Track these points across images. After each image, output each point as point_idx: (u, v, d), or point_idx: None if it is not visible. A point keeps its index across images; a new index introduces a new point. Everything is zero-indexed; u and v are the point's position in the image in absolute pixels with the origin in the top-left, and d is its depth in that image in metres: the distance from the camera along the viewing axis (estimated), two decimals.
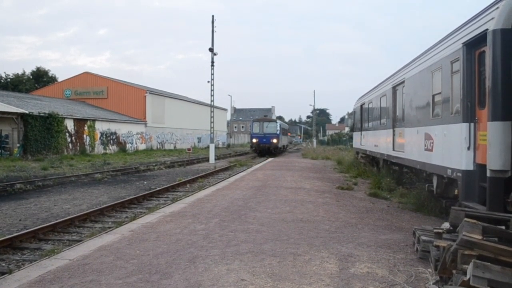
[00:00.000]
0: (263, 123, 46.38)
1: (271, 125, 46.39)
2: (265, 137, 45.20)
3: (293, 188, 15.26)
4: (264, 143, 44.90)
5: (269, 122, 46.91)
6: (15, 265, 8.30)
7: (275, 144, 45.28)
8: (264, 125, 46.04)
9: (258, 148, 45.80)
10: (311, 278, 5.65)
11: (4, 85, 77.70)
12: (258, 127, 46.12)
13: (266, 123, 46.44)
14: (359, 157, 28.13)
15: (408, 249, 7.27)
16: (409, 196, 12.89)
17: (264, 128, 45.60)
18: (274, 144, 45.06)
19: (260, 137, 45.21)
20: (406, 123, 13.94)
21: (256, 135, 45.78)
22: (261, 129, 45.57)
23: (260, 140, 45.13)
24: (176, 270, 5.96)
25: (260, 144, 45.10)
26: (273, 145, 45.04)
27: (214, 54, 38.12)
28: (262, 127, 45.73)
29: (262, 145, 44.89)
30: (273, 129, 45.79)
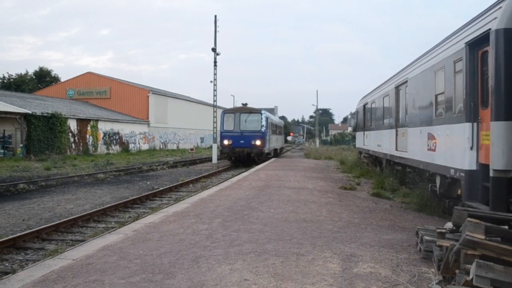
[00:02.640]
0: (240, 115, 31.98)
1: (253, 118, 32.04)
2: (243, 137, 31.21)
3: (296, 188, 15.26)
4: (242, 146, 30.97)
5: (249, 114, 32.13)
6: (19, 265, 8.33)
7: (259, 147, 31.30)
8: (242, 118, 31.89)
9: (232, 154, 31.45)
10: (314, 278, 5.65)
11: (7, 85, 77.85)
12: (232, 121, 31.98)
13: (245, 116, 32.07)
14: (362, 157, 28.10)
15: (411, 249, 7.27)
16: (412, 196, 12.87)
17: (241, 123, 31.73)
18: (257, 147, 31.19)
19: (235, 137, 31.27)
20: (409, 123, 13.93)
21: (229, 134, 31.61)
22: (237, 124, 31.68)
23: (235, 142, 31.15)
24: (180, 270, 5.97)
25: (234, 148, 31.01)
26: (256, 149, 31.12)
27: (216, 54, 38.12)
28: (238, 121, 31.71)
29: (239, 149, 30.85)
30: (256, 125, 31.79)
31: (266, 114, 32.88)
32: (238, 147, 30.95)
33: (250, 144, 31.02)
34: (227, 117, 32.57)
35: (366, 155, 25.98)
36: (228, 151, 31.38)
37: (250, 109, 33.09)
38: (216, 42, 38.08)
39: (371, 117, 23.17)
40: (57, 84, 70.92)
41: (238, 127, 31.65)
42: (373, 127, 22.21)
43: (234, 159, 32.16)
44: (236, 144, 31.08)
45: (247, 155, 31.04)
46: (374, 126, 21.85)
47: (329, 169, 25.81)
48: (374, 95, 22.06)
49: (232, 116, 32.26)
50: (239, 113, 32.23)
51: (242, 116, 32.03)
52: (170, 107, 62.76)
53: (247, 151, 30.85)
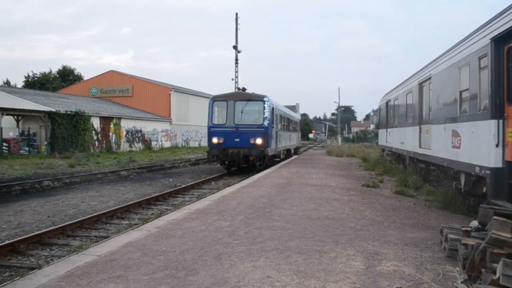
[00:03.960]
0: (234, 103, 23.66)
1: (252, 108, 23.94)
2: (239, 134, 23.12)
3: (318, 186, 15.20)
4: (237, 146, 22.89)
5: (247, 102, 23.87)
6: (44, 260, 8.46)
7: (260, 147, 22.95)
8: (237, 107, 23.67)
9: (223, 156, 23.27)
10: (337, 276, 5.62)
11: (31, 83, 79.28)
12: (225, 111, 23.83)
13: (241, 104, 23.77)
14: (385, 155, 27.89)
15: (435, 248, 7.18)
16: (436, 194, 12.72)
17: (236, 115, 23.49)
18: (257, 148, 22.89)
19: (228, 134, 23.20)
20: (432, 120, 13.76)
21: (220, 129, 23.52)
22: (231, 115, 23.49)
23: (227, 140, 23.07)
24: (202, 266, 6.00)
25: (227, 149, 22.86)
26: (256, 151, 22.78)
27: (238, 51, 38.21)
28: (232, 111, 23.51)
29: (233, 150, 22.73)
30: (257, 116, 23.70)
31: (271, 102, 24.18)
32: (232, 147, 22.60)
33: (248, 144, 22.65)
34: (217, 106, 24.19)
35: (389, 152, 25.77)
36: (217, 152, 22.81)
37: (248, 95, 24.22)
38: (237, 39, 38.23)
39: (394, 114, 22.97)
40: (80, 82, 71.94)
41: (232, 119, 23.22)
42: (396, 124, 22.01)
43: (227, 163, 24.13)
44: (229, 143, 22.79)
45: (244, 159, 22.85)
46: (397, 123, 21.66)
47: (352, 167, 25.64)
48: (397, 92, 21.85)
49: (224, 104, 23.70)
50: (234, 101, 23.55)
51: (237, 104, 23.47)
52: (192, 104, 63.07)
53: (244, 153, 22.46)
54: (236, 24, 38.24)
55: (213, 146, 23.24)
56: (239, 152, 22.49)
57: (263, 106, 23.51)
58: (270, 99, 24.23)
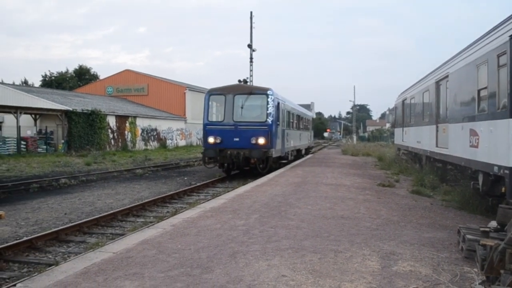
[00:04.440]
0: (233, 97, 20.90)
1: (254, 103, 21.21)
2: (239, 132, 20.49)
3: (333, 185, 15.13)
4: (236, 146, 20.27)
5: (248, 96, 21.06)
6: (61, 257, 8.54)
7: (262, 148, 20.19)
8: (236, 102, 20.95)
9: (221, 158, 20.45)
10: (352, 275, 5.58)
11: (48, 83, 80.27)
12: (222, 107, 21.28)
13: (241, 98, 21.00)
14: (401, 154, 27.70)
15: (452, 248, 7.09)
16: (453, 194, 12.58)
17: (236, 111, 20.82)
18: (260, 148, 20.15)
19: (226, 133, 20.56)
20: (450, 119, 13.62)
21: (217, 127, 20.89)
22: (229, 111, 20.79)
23: (225, 140, 20.44)
24: (217, 264, 6.00)
25: (225, 150, 20.22)
26: (258, 152, 20.05)
27: (252, 50, 38.17)
28: (230, 107, 20.85)
29: (232, 151, 20.08)
30: (259, 112, 20.92)
31: (276, 96, 21.37)
32: (231, 148, 19.97)
33: (249, 144, 19.95)
34: (214, 100, 21.66)
35: (405, 151, 25.58)
36: (213, 154, 20.06)
37: (249, 88, 21.61)
38: (252, 38, 38.21)
39: (411, 113, 22.78)
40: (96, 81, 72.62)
41: (231, 116, 20.52)
42: (413, 123, 21.83)
43: (226, 166, 21.53)
44: (227, 143, 20.16)
45: (245, 161, 20.23)
46: (414, 122, 21.48)
47: (367, 166, 25.48)
48: (414, 91, 21.67)
49: (222, 99, 21.02)
50: (232, 94, 20.69)
51: (237, 99, 20.71)
52: None
53: (245, 155, 19.75)
54: (251, 22, 38.24)
55: (208, 146, 20.58)
56: (239, 154, 19.90)
57: (266, 101, 20.74)
58: (275, 92, 21.51)
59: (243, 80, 22.46)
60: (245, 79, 22.76)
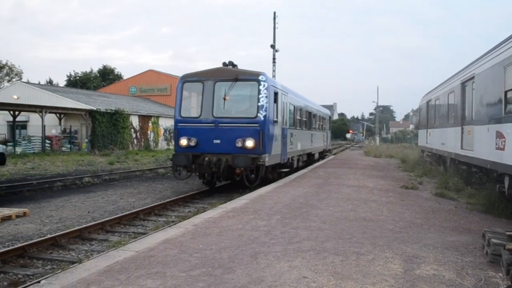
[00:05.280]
0: (213, 84, 15.87)
1: (241, 92, 16.18)
2: (220, 132, 15.50)
3: (356, 187, 15.01)
4: (216, 151, 15.35)
5: (233, 83, 15.69)
6: (84, 255, 8.64)
7: (251, 153, 15.02)
8: (217, 91, 15.93)
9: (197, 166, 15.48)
10: (374, 278, 5.52)
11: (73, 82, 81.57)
12: (199, 98, 16.28)
13: (224, 85, 15.88)
14: (425, 156, 27.38)
15: (477, 252, 6.96)
16: (478, 197, 12.37)
17: (216, 103, 15.88)
18: (247, 152, 15.02)
19: (204, 132, 15.69)
20: (475, 121, 13.39)
21: (191, 125, 16.02)
22: (208, 104, 15.82)
23: (203, 143, 15.63)
24: (239, 265, 5.99)
25: (202, 155, 15.33)
26: (245, 159, 14.72)
27: (275, 50, 38.12)
28: (210, 98, 15.84)
29: (210, 157, 15.09)
30: (248, 105, 16.01)
31: (271, 83, 16.32)
32: (209, 153, 15.20)
33: (233, 147, 15.06)
34: (188, 89, 16.73)
35: (429, 153, 25.28)
36: (185, 161, 15.24)
37: (235, 73, 15.84)
38: (275, 39, 38.16)
39: (435, 114, 22.49)
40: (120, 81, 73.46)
41: (210, 110, 15.57)
42: (437, 124, 21.55)
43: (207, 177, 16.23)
44: (204, 147, 15.42)
45: (229, 171, 15.18)
46: (438, 124, 21.20)
47: (390, 168, 25.23)
48: (438, 92, 21.40)
49: (199, 87, 16.05)
50: (213, 81, 15.79)
51: (218, 87, 15.76)
52: None
53: (227, 162, 14.89)
54: (274, 23, 38.17)
55: (180, 151, 15.61)
56: (220, 161, 14.79)
57: (257, 89, 15.37)
58: (270, 78, 16.57)
59: (228, 63, 16.50)
60: (232, 61, 16.49)
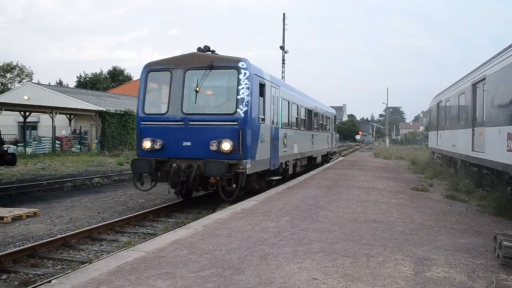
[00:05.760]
0: (184, 74, 12.79)
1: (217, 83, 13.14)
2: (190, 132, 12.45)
3: (365, 188, 14.95)
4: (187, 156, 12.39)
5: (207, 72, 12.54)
6: (94, 255, 8.68)
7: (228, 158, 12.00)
8: (188, 81, 12.77)
9: (161, 175, 12.82)
10: (385, 280, 5.49)
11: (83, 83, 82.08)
12: (167, 91, 13.10)
13: (197, 75, 12.70)
14: (435, 157, 27.24)
15: (488, 255, 6.91)
16: (490, 199, 12.27)
17: (187, 95, 12.74)
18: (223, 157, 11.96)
19: (171, 133, 12.67)
20: (486, 122, 13.29)
21: (157, 123, 13.04)
22: (177, 96, 12.72)
23: (169, 145, 12.64)
24: (248, 266, 5.99)
25: (170, 161, 12.45)
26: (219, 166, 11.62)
27: (285, 52, 38.07)
28: (179, 89, 12.73)
29: (179, 163, 12.17)
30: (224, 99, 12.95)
31: (255, 72, 13.18)
32: (178, 158, 12.55)
33: (207, 151, 12.32)
34: (154, 80, 13.97)
35: (440, 155, 25.15)
36: (147, 168, 12.51)
37: (209, 58, 12.89)
38: (284, 40, 38.09)
39: (445, 116, 22.38)
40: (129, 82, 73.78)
41: (179, 105, 12.79)
42: (448, 126, 21.43)
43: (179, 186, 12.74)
44: (171, 150, 12.73)
45: (201, 180, 12.51)
46: (449, 125, 21.09)
47: (400, 169, 25.10)
48: (449, 93, 21.28)
49: (166, 77, 13.24)
50: (183, 70, 12.98)
51: (189, 76, 12.96)
52: None
53: (199, 169, 12.14)
54: (283, 24, 38.09)
55: (143, 154, 12.79)
56: (190, 168, 12.08)
57: (236, 79, 12.40)
58: (253, 66, 12.97)
59: (204, 48, 13.32)
60: (208, 46, 13.26)
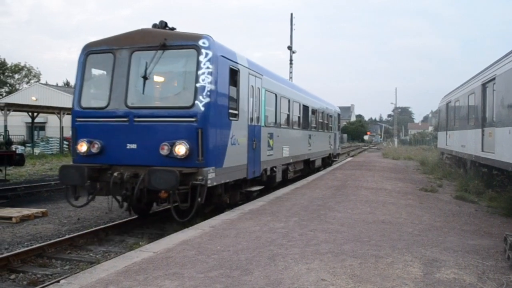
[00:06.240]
0: (130, 55, 9.70)
1: (171, 68, 10.05)
2: (136, 131, 9.47)
3: (374, 189, 14.89)
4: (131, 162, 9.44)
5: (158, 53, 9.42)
6: (102, 255, 8.71)
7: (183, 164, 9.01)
8: (135, 65, 9.70)
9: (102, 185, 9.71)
10: (393, 282, 5.46)
11: None
12: (109, 78, 9.93)
13: (146, 57, 9.57)
14: (444, 158, 27.10)
15: (498, 256, 6.86)
16: (500, 200, 12.18)
17: (134, 85, 9.74)
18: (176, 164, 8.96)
19: (112, 131, 9.70)
20: (496, 123, 13.20)
21: (95, 119, 9.95)
22: (122, 87, 9.64)
23: (109, 148, 9.73)
24: (256, 267, 5.98)
25: (109, 170, 9.54)
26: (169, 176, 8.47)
27: (292, 52, 38.00)
28: (124, 77, 9.67)
29: (121, 171, 9.31)
30: (180, 87, 9.86)
31: (222, 53, 10.07)
32: (120, 165, 9.62)
33: (156, 155, 9.25)
34: (94, 65, 10.62)
35: (449, 155, 25.01)
36: (77, 178, 9.52)
37: (161, 35, 9.70)
38: (292, 40, 38.03)
39: (455, 116, 22.25)
40: None
41: (122, 96, 9.78)
42: (457, 126, 21.31)
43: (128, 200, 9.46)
44: (113, 155, 9.85)
45: (150, 194, 9.24)
46: (458, 126, 20.96)
47: (409, 170, 24.98)
48: (458, 93, 21.15)
49: (109, 60, 10.07)
50: (128, 50, 9.88)
51: (135, 59, 9.91)
52: None
53: (145, 179, 8.99)
54: (291, 24, 38.00)
55: (79, 160, 10.22)
56: (136, 177, 9.31)
57: (195, 62, 9.50)
58: (220, 45, 10.21)
59: (159, 24, 10.47)
60: (164, 21, 10.52)
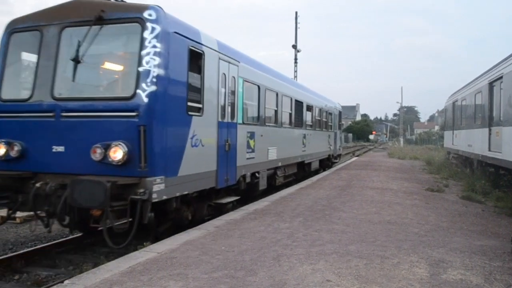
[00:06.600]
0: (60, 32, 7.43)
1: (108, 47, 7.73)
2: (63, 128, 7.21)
3: (379, 189, 14.82)
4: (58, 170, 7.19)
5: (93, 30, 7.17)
6: (105, 256, 8.68)
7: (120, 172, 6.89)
8: (65, 43, 7.38)
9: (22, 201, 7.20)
10: (399, 283, 5.42)
11: None
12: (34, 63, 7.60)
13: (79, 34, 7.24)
14: (451, 158, 26.99)
15: (505, 257, 6.79)
16: (507, 200, 12.11)
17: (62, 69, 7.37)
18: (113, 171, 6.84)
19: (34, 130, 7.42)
20: (504, 122, 13.10)
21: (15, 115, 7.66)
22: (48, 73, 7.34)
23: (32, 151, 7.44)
24: (261, 267, 5.95)
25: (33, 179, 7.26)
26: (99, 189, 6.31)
27: (297, 51, 37.88)
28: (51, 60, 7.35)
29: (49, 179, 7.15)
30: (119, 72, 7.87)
31: (174, 28, 7.79)
32: (46, 173, 7.39)
33: (87, 162, 7.03)
34: (19, 44, 8.21)
35: (455, 155, 24.90)
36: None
37: (98, 8, 7.28)
38: (296, 39, 37.88)
39: (461, 115, 22.14)
40: None
41: (48, 85, 7.49)
42: (464, 126, 21.20)
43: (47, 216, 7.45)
44: (36, 161, 7.53)
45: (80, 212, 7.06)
46: (465, 125, 20.86)
47: (415, 170, 24.85)
48: (465, 92, 21.04)
49: (35, 39, 7.76)
50: (58, 26, 7.55)
51: (66, 36, 7.56)
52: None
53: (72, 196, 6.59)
54: (295, 23, 37.86)
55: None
56: (62, 190, 7.16)
57: (139, 39, 7.33)
58: (170, 17, 8.02)
59: None
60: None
